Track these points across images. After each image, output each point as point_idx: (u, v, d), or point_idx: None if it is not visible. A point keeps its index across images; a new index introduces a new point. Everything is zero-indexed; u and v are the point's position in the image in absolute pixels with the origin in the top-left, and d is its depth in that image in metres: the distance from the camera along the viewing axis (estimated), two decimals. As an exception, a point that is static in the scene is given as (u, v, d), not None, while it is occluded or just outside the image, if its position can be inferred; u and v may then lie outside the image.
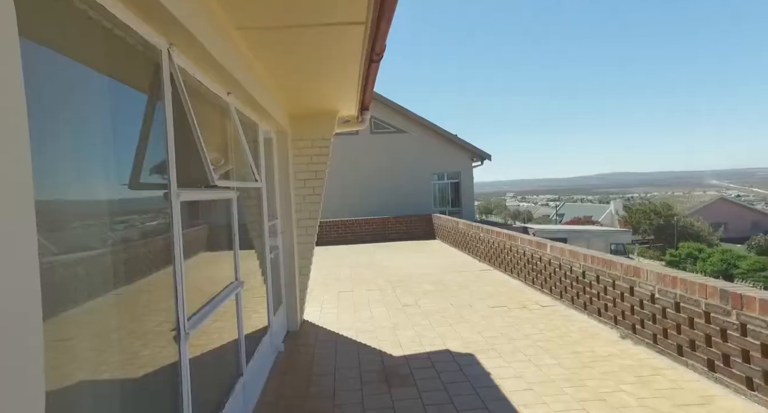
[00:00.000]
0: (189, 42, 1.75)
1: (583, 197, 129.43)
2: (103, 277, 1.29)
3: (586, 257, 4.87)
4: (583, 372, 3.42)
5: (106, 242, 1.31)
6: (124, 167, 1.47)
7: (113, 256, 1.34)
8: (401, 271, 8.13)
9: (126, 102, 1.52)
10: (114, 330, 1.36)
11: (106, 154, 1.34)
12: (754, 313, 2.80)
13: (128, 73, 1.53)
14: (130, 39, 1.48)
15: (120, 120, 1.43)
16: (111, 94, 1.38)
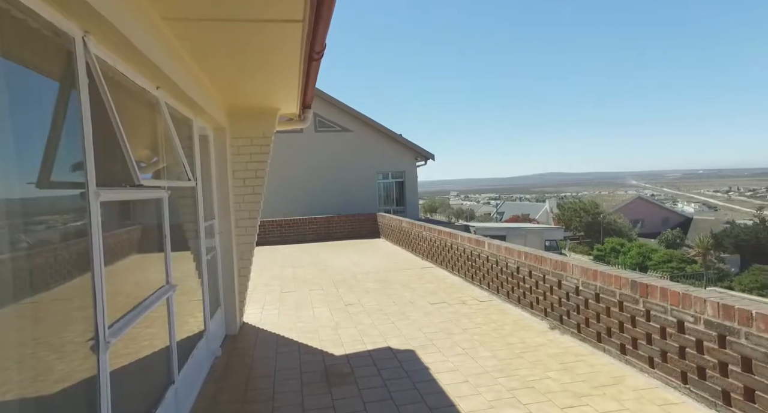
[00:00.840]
0: (107, 30, 1.64)
1: (521, 196, 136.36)
2: (5, 285, 1.18)
3: (520, 253, 5.15)
4: (515, 362, 3.63)
5: (9, 247, 1.21)
6: (30, 164, 1.35)
7: (15, 262, 1.23)
8: (345, 270, 8.13)
9: (32, 92, 1.39)
10: (20, 343, 1.25)
11: (6, 149, 1.22)
12: (656, 300, 3.12)
13: (35, 61, 1.41)
14: (35, 23, 1.36)
15: (23, 112, 1.31)
16: (13, 83, 1.27)
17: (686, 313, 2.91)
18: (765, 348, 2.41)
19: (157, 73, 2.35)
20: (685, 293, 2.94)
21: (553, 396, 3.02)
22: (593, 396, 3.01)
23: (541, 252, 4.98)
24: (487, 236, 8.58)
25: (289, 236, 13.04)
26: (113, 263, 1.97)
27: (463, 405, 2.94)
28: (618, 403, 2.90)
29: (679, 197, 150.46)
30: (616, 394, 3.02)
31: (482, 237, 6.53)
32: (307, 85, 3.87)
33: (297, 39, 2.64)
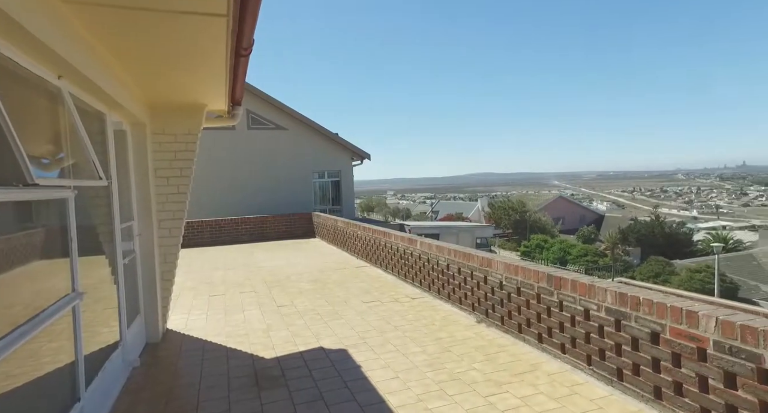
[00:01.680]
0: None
1: (456, 195, 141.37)
2: None
3: (449, 251, 5.36)
4: (443, 356, 3.78)
5: None
6: None
7: None
8: (279, 271, 7.95)
9: None
10: None
11: None
12: (567, 292, 3.41)
13: None
14: None
15: None
16: None
17: (591, 302, 3.22)
18: (648, 329, 2.73)
19: (59, 62, 2.14)
20: (591, 285, 3.24)
21: (477, 386, 3.19)
22: (513, 383, 3.22)
23: (469, 250, 5.23)
24: (421, 234, 8.83)
25: (220, 237, 12.47)
26: (5, 271, 1.78)
27: (393, 401, 3.01)
28: (534, 388, 3.13)
29: (594, 196, 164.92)
30: (532, 380, 3.25)
31: (415, 236, 6.71)
32: (235, 81, 3.73)
33: (222, 34, 2.55)
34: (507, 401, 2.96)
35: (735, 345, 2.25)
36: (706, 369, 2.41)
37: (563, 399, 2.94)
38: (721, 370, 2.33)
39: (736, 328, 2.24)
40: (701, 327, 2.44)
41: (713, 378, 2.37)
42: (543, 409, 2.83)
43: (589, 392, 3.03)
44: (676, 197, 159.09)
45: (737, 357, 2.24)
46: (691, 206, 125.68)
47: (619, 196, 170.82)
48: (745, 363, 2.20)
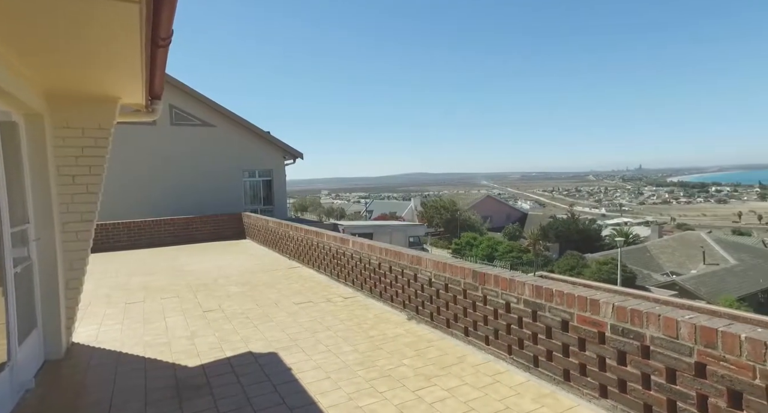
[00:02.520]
0: None
1: (390, 195, 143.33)
2: None
3: (381, 250, 5.44)
4: (375, 354, 3.83)
5: None
6: None
7: None
8: (206, 274, 7.56)
9: None
10: None
11: None
12: (491, 286, 3.62)
13: None
14: None
15: None
16: None
17: (512, 295, 3.44)
18: (560, 317, 2.99)
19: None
20: (512, 279, 3.47)
21: (407, 381, 3.28)
22: (440, 376, 3.36)
23: (400, 248, 5.34)
24: (355, 234, 8.85)
25: (140, 240, 11.57)
26: None
27: (323, 401, 3.00)
28: (460, 379, 3.28)
29: (519, 195, 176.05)
30: (459, 372, 3.41)
31: (347, 235, 6.72)
32: (153, 74, 3.49)
33: (135, 22, 2.37)
34: (435, 393, 3.08)
35: (626, 327, 2.54)
36: (605, 350, 2.69)
37: (486, 388, 3.12)
38: (615, 350, 2.61)
39: (627, 312, 2.53)
40: (602, 313, 2.71)
41: (609, 357, 2.65)
42: (467, 399, 2.98)
43: (509, 379, 3.25)
44: (588, 196, 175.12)
45: (627, 338, 2.53)
46: (601, 205, 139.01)
47: (540, 195, 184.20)
48: (633, 341, 2.49)
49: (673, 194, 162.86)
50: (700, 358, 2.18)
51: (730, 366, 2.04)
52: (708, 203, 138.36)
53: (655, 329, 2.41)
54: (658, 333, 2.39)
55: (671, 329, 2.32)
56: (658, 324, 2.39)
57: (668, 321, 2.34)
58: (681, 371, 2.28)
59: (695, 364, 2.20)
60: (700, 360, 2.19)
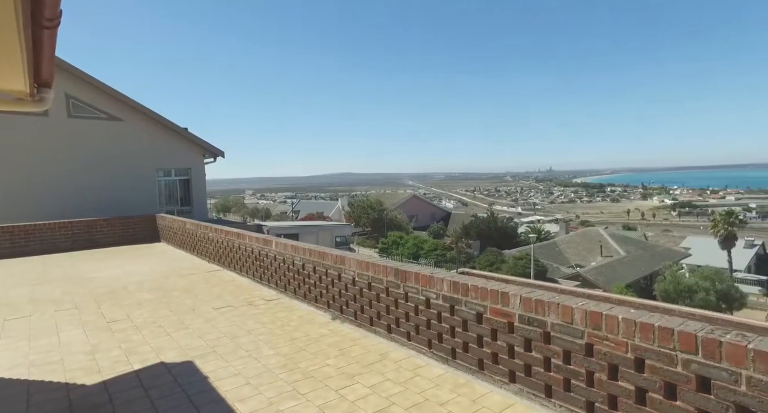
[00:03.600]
0: None
1: (317, 195, 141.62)
2: None
3: (305, 250, 5.37)
4: (298, 356, 3.78)
5: None
6: None
7: None
8: (112, 282, 6.90)
9: None
10: None
11: None
12: (412, 283, 3.74)
13: None
14: None
15: None
16: None
17: (431, 292, 3.59)
18: (475, 311, 3.18)
19: None
20: (431, 276, 3.61)
21: (330, 381, 3.28)
22: (363, 374, 3.40)
23: (324, 248, 5.32)
24: (280, 235, 8.62)
25: (29, 246, 10.23)
26: None
27: (242, 408, 2.90)
28: (382, 376, 3.35)
29: (443, 195, 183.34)
30: (381, 369, 3.48)
31: (271, 236, 6.54)
32: (39, 58, 3.10)
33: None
34: (357, 391, 3.11)
35: (531, 316, 2.78)
36: (514, 338, 2.91)
37: (407, 383, 3.22)
38: (522, 338, 2.84)
39: (533, 303, 2.77)
40: (511, 305, 2.93)
41: (518, 345, 2.88)
42: (389, 394, 3.05)
43: (428, 372, 3.38)
44: (506, 195, 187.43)
45: (532, 326, 2.77)
46: (517, 204, 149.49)
47: (463, 195, 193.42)
48: (537, 329, 2.73)
49: (578, 194, 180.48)
50: (590, 339, 2.46)
51: (610, 343, 2.32)
52: (605, 202, 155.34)
53: (555, 316, 2.66)
54: (558, 319, 2.64)
55: (568, 315, 2.58)
56: (558, 312, 2.64)
57: (565, 308, 2.60)
58: (575, 352, 2.54)
59: (585, 345, 2.48)
60: (589, 341, 2.46)
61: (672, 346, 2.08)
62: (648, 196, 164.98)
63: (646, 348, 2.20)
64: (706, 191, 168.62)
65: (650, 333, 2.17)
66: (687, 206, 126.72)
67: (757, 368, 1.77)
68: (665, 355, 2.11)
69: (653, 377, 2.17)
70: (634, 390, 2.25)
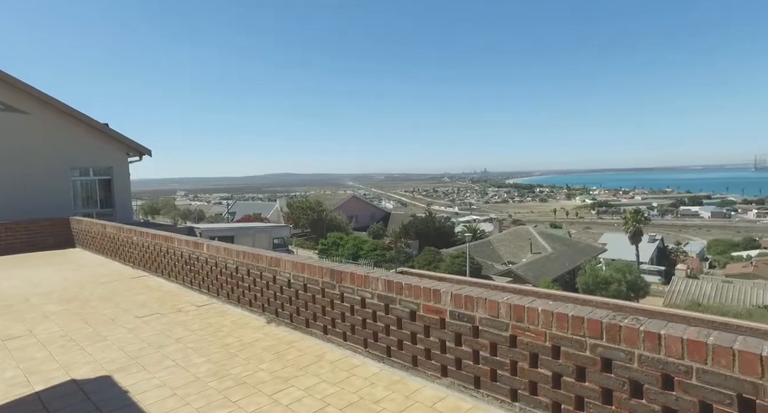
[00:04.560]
0: None
1: (254, 196, 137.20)
2: None
3: (238, 253, 5.18)
4: (230, 362, 3.64)
5: None
6: None
7: None
8: (13, 294, 6.19)
9: None
10: None
11: None
12: (347, 284, 3.75)
13: None
14: None
15: None
16: None
17: (367, 291, 3.61)
18: (409, 309, 3.25)
19: None
20: (366, 275, 3.64)
21: (263, 386, 3.19)
22: (298, 376, 3.35)
23: (259, 250, 5.16)
24: (214, 237, 8.21)
25: None
26: None
27: (167, 422, 2.74)
28: (317, 377, 3.32)
29: (383, 195, 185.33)
30: (317, 370, 3.45)
31: (202, 239, 6.24)
32: None
33: None
34: (291, 395, 3.06)
35: (461, 312, 2.89)
36: (445, 334, 3.02)
37: (342, 383, 3.22)
38: (453, 333, 2.95)
39: (462, 299, 2.89)
40: (443, 302, 3.04)
41: (449, 340, 2.99)
42: (324, 395, 3.04)
43: (364, 371, 3.40)
44: (444, 196, 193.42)
45: (462, 321, 2.89)
46: (454, 204, 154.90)
47: (402, 195, 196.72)
48: (466, 324, 2.86)
49: (510, 194, 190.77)
50: (514, 331, 2.61)
51: (531, 334, 2.49)
52: (534, 202, 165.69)
53: (483, 311, 2.79)
54: (485, 314, 2.78)
55: (494, 309, 2.73)
56: (485, 307, 2.78)
57: (492, 303, 2.74)
58: (500, 344, 2.69)
59: (510, 337, 2.63)
60: (513, 333, 2.62)
61: (582, 333, 2.27)
62: (572, 196, 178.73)
63: (561, 337, 2.38)
64: (619, 191, 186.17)
65: (565, 322, 2.36)
66: (604, 205, 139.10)
67: (646, 347, 1.99)
68: (577, 341, 2.30)
69: (567, 362, 2.35)
70: (551, 375, 2.43)
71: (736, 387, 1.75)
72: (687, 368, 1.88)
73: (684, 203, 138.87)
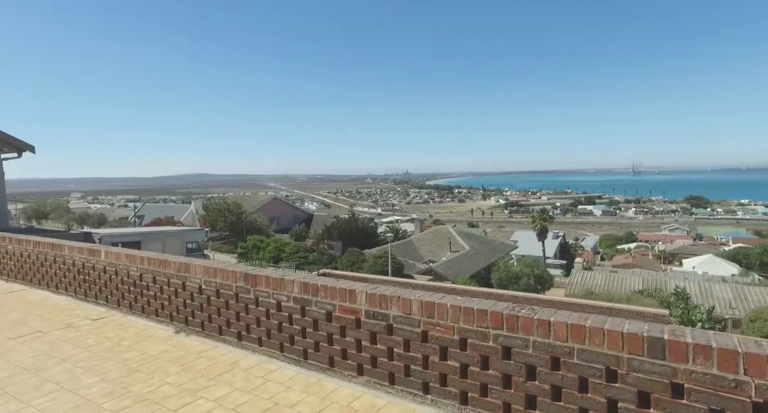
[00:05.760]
0: None
1: (166, 198, 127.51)
2: None
3: (143, 259, 4.77)
4: (130, 379, 3.33)
5: None
6: None
7: None
8: None
9: None
10: None
11: None
12: (262, 287, 3.63)
13: None
14: None
15: None
16: None
17: (282, 294, 3.53)
18: (325, 310, 3.23)
19: None
20: (282, 278, 3.55)
21: (168, 401, 2.97)
22: (209, 387, 3.17)
23: (167, 256, 4.80)
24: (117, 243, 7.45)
25: None
26: None
27: (50, 452, 2.43)
28: (230, 387, 3.17)
29: (306, 197, 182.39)
30: (229, 379, 3.29)
31: (100, 246, 5.64)
32: None
33: None
34: (201, 407, 2.89)
35: (376, 311, 2.94)
36: (361, 333, 3.05)
37: (256, 390, 3.11)
38: (368, 332, 2.99)
39: (377, 298, 2.94)
40: (358, 301, 3.06)
41: (365, 339, 3.02)
42: (236, 404, 2.90)
43: (280, 376, 3.32)
44: (367, 197, 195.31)
45: (377, 320, 2.94)
46: (377, 205, 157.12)
47: (326, 197, 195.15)
48: (381, 322, 2.92)
49: (431, 195, 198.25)
50: (425, 327, 2.72)
51: (441, 329, 2.61)
52: (453, 203, 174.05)
53: (396, 309, 2.87)
54: (399, 312, 2.85)
55: (407, 307, 2.81)
56: (399, 305, 2.85)
57: (405, 301, 2.82)
58: (413, 340, 2.78)
59: (422, 332, 2.73)
60: (425, 328, 2.72)
61: (486, 325, 2.43)
62: (487, 197, 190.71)
63: (468, 329, 2.53)
64: (528, 192, 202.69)
65: (471, 315, 2.50)
66: (515, 205, 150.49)
67: (539, 333, 2.20)
68: (481, 333, 2.46)
69: (473, 353, 2.50)
70: (459, 366, 2.56)
71: (605, 361, 2.00)
72: (570, 349, 2.10)
73: (581, 202, 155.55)
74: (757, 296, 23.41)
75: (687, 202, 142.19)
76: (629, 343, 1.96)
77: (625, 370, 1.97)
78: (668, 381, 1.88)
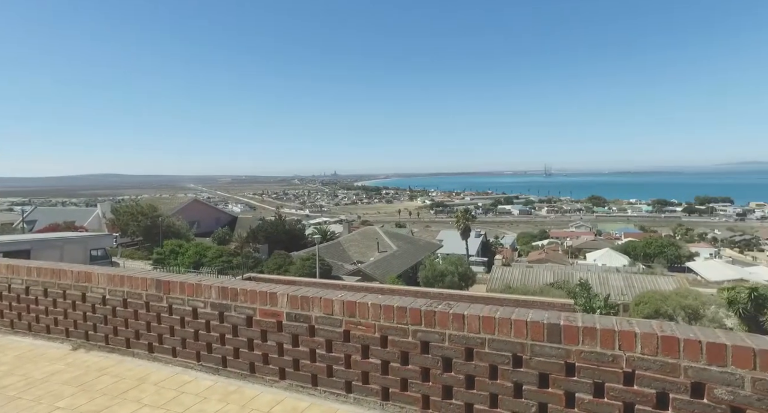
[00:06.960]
0: None
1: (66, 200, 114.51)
2: None
3: (30, 270, 4.23)
4: (5, 410, 2.93)
5: None
6: None
7: None
8: None
9: None
10: None
11: None
12: (177, 294, 3.40)
13: None
14: None
15: None
16: None
17: (199, 300, 3.33)
18: (245, 314, 3.12)
19: None
20: (198, 284, 3.35)
21: (62, 427, 2.67)
22: (111, 407, 2.90)
23: (62, 265, 4.31)
24: (-3, 252, 6.45)
25: None
26: None
27: None
28: (138, 403, 2.93)
29: (230, 199, 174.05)
30: (137, 395, 3.04)
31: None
32: None
33: None
34: (101, 429, 2.63)
35: (298, 313, 2.90)
36: (283, 336, 2.98)
37: (168, 404, 2.90)
38: (290, 335, 2.94)
39: (299, 300, 2.89)
40: (279, 304, 2.99)
41: (286, 342, 2.96)
42: (145, 422, 2.69)
43: (196, 387, 3.13)
44: (294, 198, 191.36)
45: (299, 321, 2.90)
46: (305, 206, 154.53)
47: (251, 198, 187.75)
48: (303, 324, 2.88)
49: (359, 196, 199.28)
50: (347, 326, 2.73)
51: (363, 327, 2.64)
52: (381, 203, 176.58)
53: (318, 310, 2.84)
54: (321, 312, 2.83)
55: (329, 307, 2.80)
56: (321, 305, 2.83)
57: (327, 301, 2.81)
58: (335, 340, 2.78)
59: (344, 332, 2.74)
60: (347, 328, 2.73)
61: (406, 321, 2.50)
62: (414, 197, 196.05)
63: (388, 327, 2.58)
64: (453, 193, 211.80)
65: (391, 313, 2.56)
66: (440, 205, 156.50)
67: (454, 326, 2.32)
68: (401, 329, 2.52)
69: (394, 349, 2.56)
70: (380, 363, 2.61)
71: (512, 348, 2.17)
72: (482, 339, 2.24)
73: (501, 202, 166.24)
74: (641, 283, 26.91)
75: (589, 201, 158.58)
76: (532, 330, 2.15)
77: (528, 355, 2.15)
78: (563, 361, 2.08)
